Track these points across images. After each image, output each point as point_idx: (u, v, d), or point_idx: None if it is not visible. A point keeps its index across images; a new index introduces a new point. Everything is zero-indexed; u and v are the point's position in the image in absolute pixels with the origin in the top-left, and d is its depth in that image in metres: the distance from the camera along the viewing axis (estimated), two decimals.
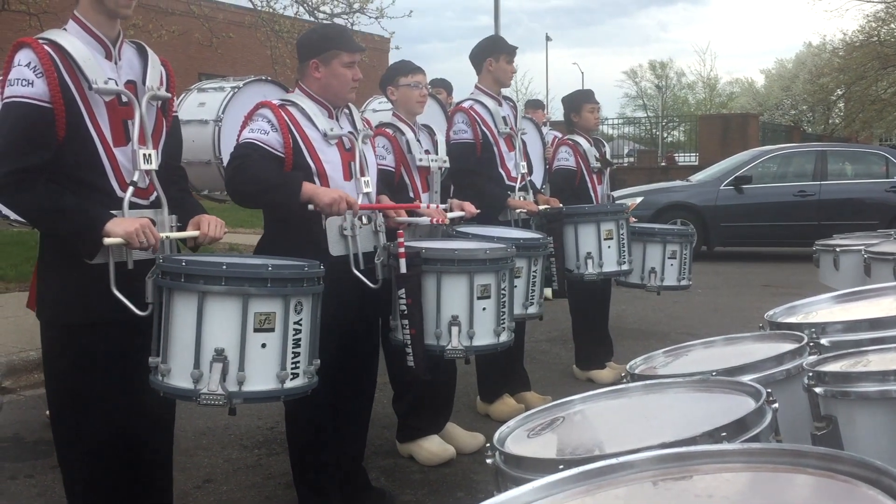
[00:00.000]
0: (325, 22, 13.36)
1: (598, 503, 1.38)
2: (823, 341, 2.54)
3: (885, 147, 19.41)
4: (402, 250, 3.36)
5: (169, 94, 2.93)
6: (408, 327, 3.41)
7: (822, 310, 3.00)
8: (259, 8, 13.67)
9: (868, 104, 31.09)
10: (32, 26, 12.63)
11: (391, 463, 4.25)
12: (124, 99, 2.76)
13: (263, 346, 2.62)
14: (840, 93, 34.18)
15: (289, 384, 2.68)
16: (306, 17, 14.20)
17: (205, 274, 2.59)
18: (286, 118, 3.33)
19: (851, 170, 13.59)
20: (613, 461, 1.44)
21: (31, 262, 9.58)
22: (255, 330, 2.60)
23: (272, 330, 2.63)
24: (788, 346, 2.42)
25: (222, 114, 4.66)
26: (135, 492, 2.92)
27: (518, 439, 1.92)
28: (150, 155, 2.79)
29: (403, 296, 3.39)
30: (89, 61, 2.67)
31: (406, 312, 3.40)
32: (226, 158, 4.77)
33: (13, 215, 4.47)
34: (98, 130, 2.69)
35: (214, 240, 2.91)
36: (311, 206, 3.25)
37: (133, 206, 2.75)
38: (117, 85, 2.74)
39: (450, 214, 4.18)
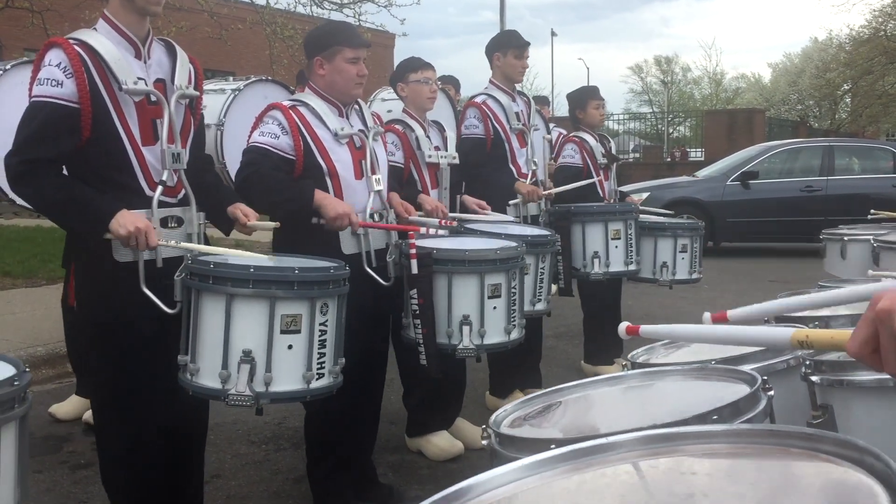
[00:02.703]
0: (330, 16, 13.37)
1: (586, 481, 1.39)
2: None
3: (891, 142, 19.36)
4: (413, 251, 3.37)
5: (197, 93, 2.97)
6: (420, 326, 3.44)
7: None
8: (258, 6, 13.69)
9: (875, 99, 31.05)
10: (35, 24, 12.66)
11: (398, 458, 4.26)
12: (153, 98, 2.79)
13: (290, 347, 2.65)
14: (847, 88, 34.12)
15: (314, 384, 2.71)
16: (312, 10, 14.18)
17: (232, 276, 2.62)
18: (296, 119, 3.34)
19: (858, 165, 13.56)
20: (602, 441, 1.46)
21: (37, 258, 9.63)
22: (282, 332, 2.63)
23: (298, 331, 2.66)
24: None
25: (224, 118, 4.65)
26: (172, 483, 2.97)
27: (514, 422, 1.95)
28: (178, 153, 2.82)
29: (415, 296, 3.41)
30: (119, 62, 2.70)
31: (418, 312, 3.42)
32: (229, 162, 4.80)
33: (19, 199, 4.48)
34: (127, 130, 2.73)
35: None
36: (314, 220, 3.29)
37: (162, 204, 2.79)
38: (147, 84, 2.77)
39: (452, 215, 4.19)
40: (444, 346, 3.49)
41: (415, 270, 3.38)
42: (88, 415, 4.64)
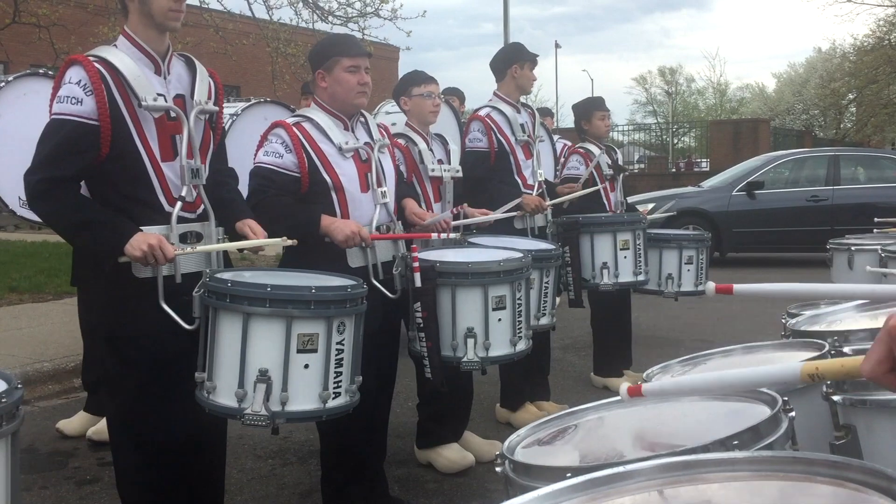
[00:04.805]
0: (333, 31, 13.39)
1: None
2: (846, 349, 2.50)
3: None
4: (416, 265, 3.37)
5: (216, 108, 2.98)
6: (424, 340, 3.42)
7: (846, 318, 2.95)
8: (260, 21, 13.72)
9: (880, 108, 31.00)
10: (42, 39, 12.73)
11: (405, 472, 4.24)
12: (173, 114, 2.79)
13: (306, 366, 2.64)
14: (851, 97, 34.11)
15: (331, 403, 2.70)
16: (318, 24, 14.22)
17: (249, 295, 2.61)
18: (300, 136, 3.36)
19: (864, 174, 13.53)
20: (620, 469, 1.42)
21: (44, 273, 9.65)
22: (299, 351, 2.62)
23: (315, 351, 2.65)
24: (808, 355, 2.38)
25: None
26: (190, 497, 2.96)
27: (529, 447, 1.90)
28: (197, 169, 2.82)
29: (419, 309, 3.40)
30: (139, 78, 2.71)
31: (422, 325, 3.41)
32: None
33: (19, 211, 4.47)
34: (146, 146, 2.73)
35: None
36: (327, 239, 3.31)
37: (181, 219, 2.80)
38: (166, 100, 2.77)
39: (454, 223, 4.17)
40: (449, 358, 3.48)
41: (418, 284, 3.38)
42: (92, 430, 4.63)
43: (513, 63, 4.93)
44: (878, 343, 1.05)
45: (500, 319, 3.49)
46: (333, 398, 2.70)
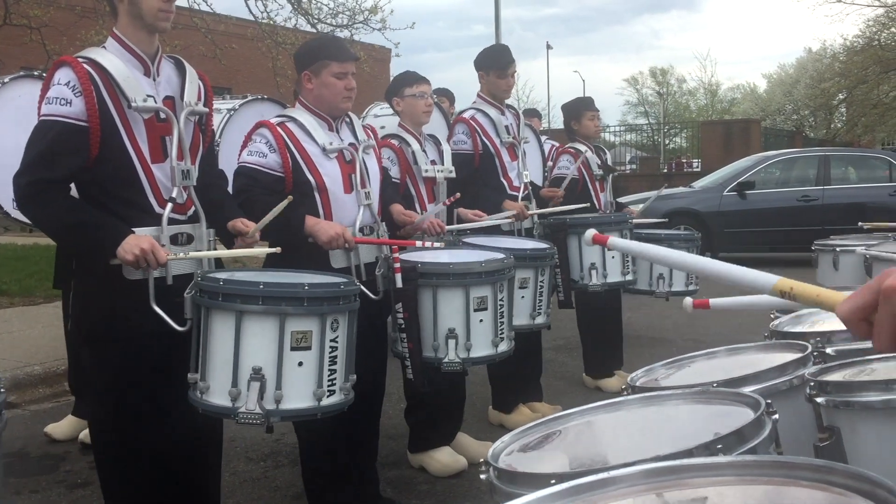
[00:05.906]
0: (323, 34, 13.38)
1: None
2: (829, 350, 2.50)
3: (887, 151, 19.40)
4: (397, 265, 3.37)
5: (206, 110, 2.98)
6: (406, 341, 3.42)
7: (829, 318, 2.96)
8: (260, 20, 13.70)
9: (870, 108, 31.07)
10: (33, 40, 12.67)
11: (397, 474, 4.23)
12: (162, 116, 2.79)
13: (300, 364, 2.64)
14: (841, 97, 34.19)
15: (325, 401, 2.69)
16: (307, 28, 14.20)
17: (242, 293, 2.61)
18: (284, 136, 3.36)
19: (854, 174, 13.59)
20: (605, 475, 1.42)
21: (34, 276, 9.61)
22: (293, 348, 2.62)
23: (309, 348, 2.65)
24: (792, 356, 2.39)
25: (219, 138, 4.65)
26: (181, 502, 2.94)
27: (513, 454, 1.90)
28: (188, 170, 2.82)
29: (401, 310, 3.41)
30: (129, 79, 2.71)
31: (403, 326, 3.42)
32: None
33: (13, 213, 4.44)
34: (136, 148, 2.73)
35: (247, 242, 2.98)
36: (310, 239, 3.33)
37: (172, 221, 2.79)
38: (156, 101, 2.77)
39: (449, 227, 4.18)
40: (430, 359, 3.49)
41: (399, 284, 3.39)
42: (84, 434, 4.61)
43: (479, 69, 4.94)
44: (865, 290, 1.01)
45: (481, 320, 3.50)
46: (328, 396, 2.70)
